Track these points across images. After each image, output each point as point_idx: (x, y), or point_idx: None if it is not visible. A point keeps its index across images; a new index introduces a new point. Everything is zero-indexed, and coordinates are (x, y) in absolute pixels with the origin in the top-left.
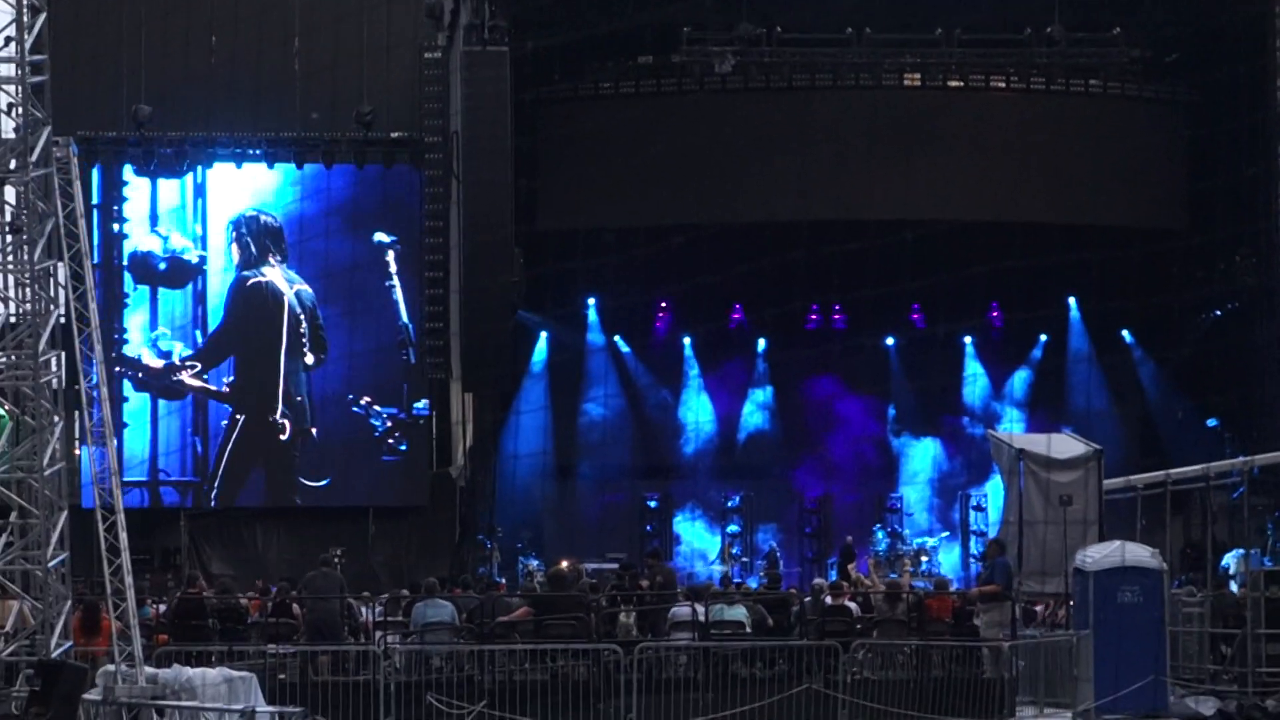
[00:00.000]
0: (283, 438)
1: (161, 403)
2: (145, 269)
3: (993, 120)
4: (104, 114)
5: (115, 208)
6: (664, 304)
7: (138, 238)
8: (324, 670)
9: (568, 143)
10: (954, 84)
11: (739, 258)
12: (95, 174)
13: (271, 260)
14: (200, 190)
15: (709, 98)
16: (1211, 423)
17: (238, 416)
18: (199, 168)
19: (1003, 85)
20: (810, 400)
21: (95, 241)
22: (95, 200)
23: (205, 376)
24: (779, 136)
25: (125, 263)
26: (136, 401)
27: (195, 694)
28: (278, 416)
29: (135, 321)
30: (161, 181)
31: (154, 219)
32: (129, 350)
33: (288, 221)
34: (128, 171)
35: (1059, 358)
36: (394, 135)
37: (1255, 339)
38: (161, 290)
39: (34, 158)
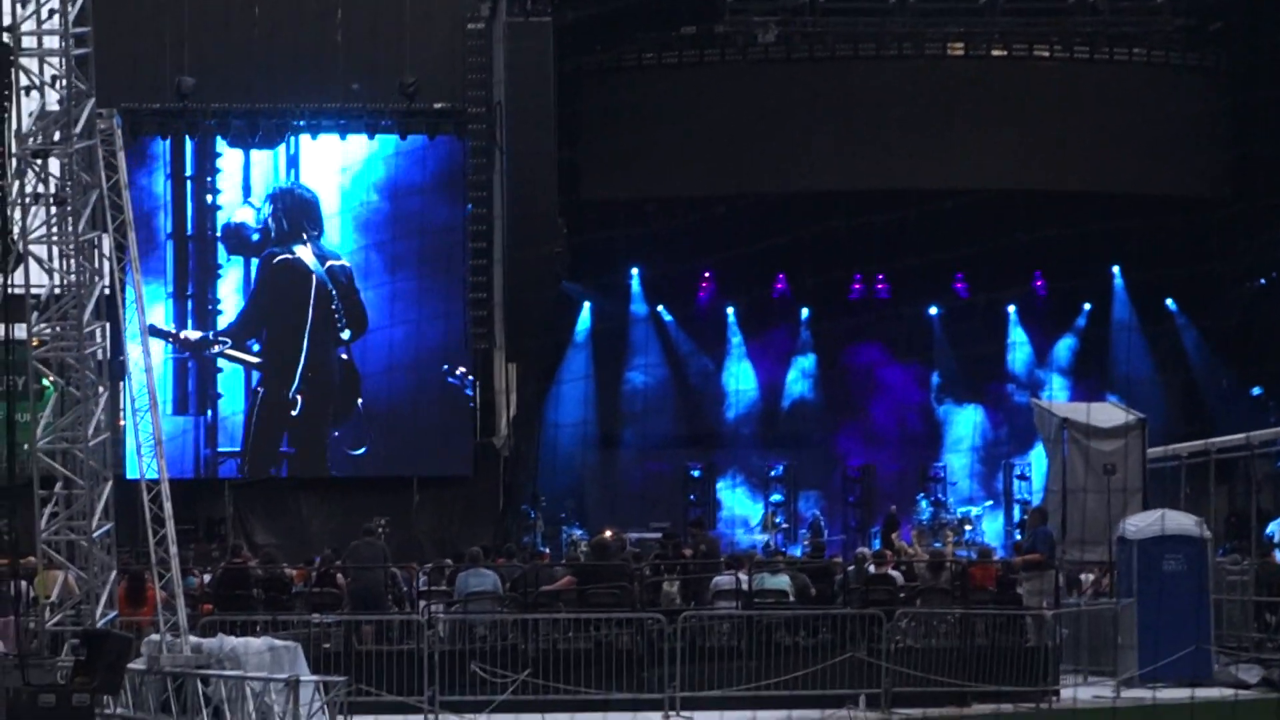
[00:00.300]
0: (293, 413)
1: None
2: (239, 240)
3: (1036, 89)
4: (147, 86)
5: (209, 179)
6: (707, 274)
7: (230, 209)
8: (368, 640)
9: (611, 113)
10: (997, 53)
11: (782, 227)
12: (189, 146)
13: (304, 236)
14: (294, 161)
15: (751, 68)
16: (1256, 391)
17: (258, 390)
18: (291, 139)
19: (1046, 54)
20: (853, 369)
21: (189, 213)
22: (189, 172)
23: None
24: (822, 106)
25: (219, 234)
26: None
27: (239, 663)
28: (292, 392)
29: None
30: (254, 153)
31: (247, 191)
32: (222, 321)
33: (380, 190)
34: (220, 144)
35: (1103, 326)
36: (437, 106)
37: None
38: (253, 261)
39: (78, 130)
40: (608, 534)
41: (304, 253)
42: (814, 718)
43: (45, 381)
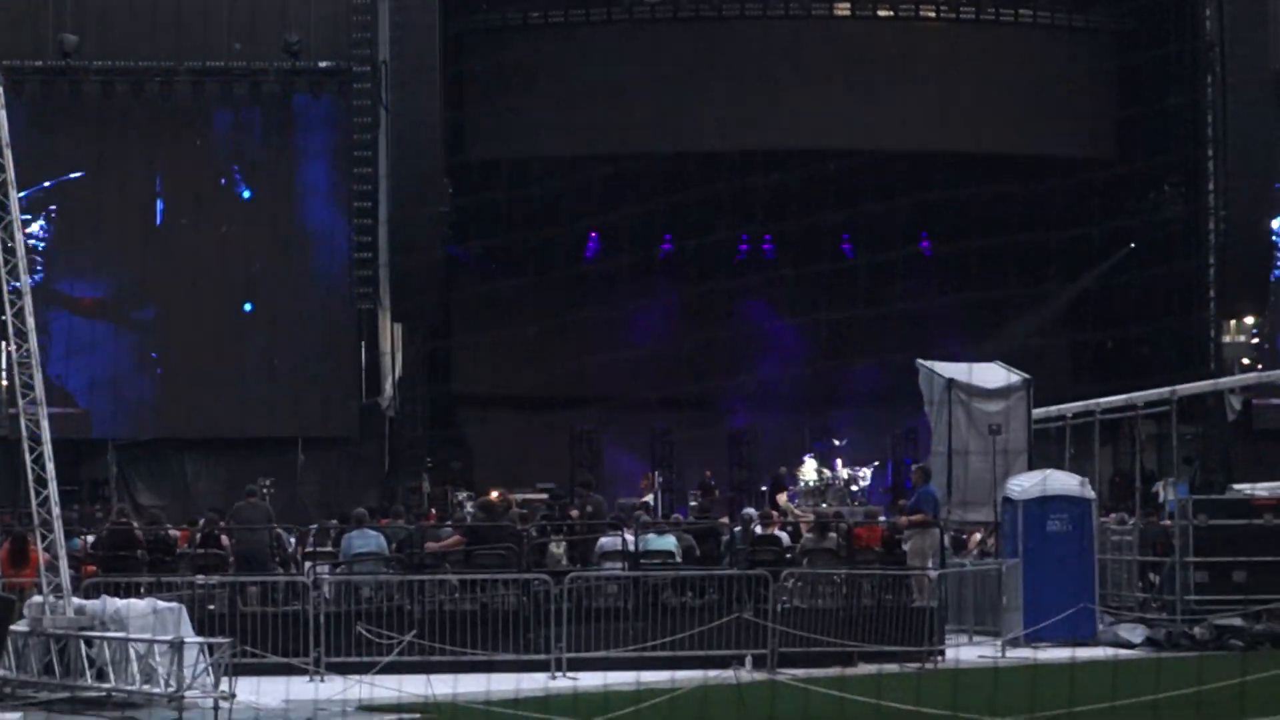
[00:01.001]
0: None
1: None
2: None
3: (921, 51)
4: (29, 44)
5: None
6: (593, 234)
7: None
8: (253, 601)
9: (497, 73)
10: (883, 14)
11: (668, 187)
12: None
13: None
14: None
15: (637, 27)
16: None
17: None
18: None
19: (932, 15)
20: (739, 327)
21: None
22: None
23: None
24: (708, 67)
25: None
26: None
27: (123, 625)
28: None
29: None
30: None
31: None
32: None
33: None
34: None
35: (993, 288)
36: (322, 65)
37: (1182, 267)
38: None
39: None
40: (494, 495)
41: None
42: (699, 678)
43: None
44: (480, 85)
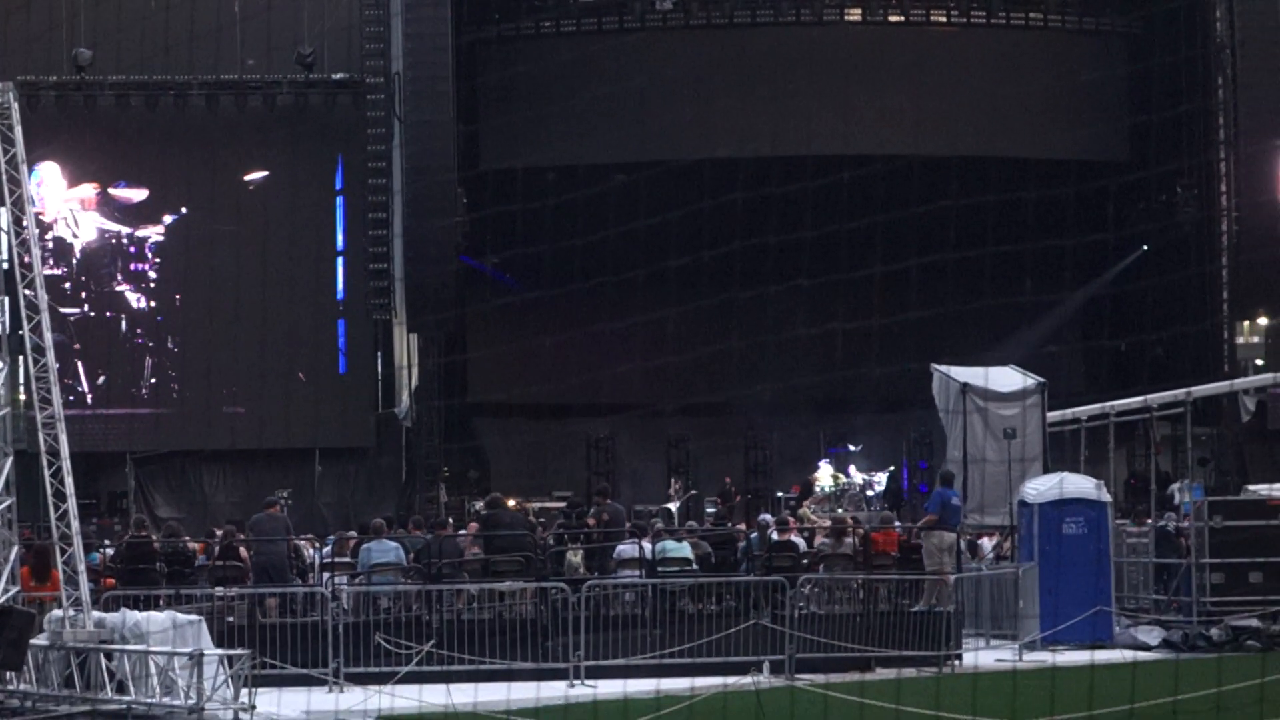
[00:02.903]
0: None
1: None
2: None
3: (933, 55)
4: (43, 59)
5: None
6: (607, 242)
7: None
8: (272, 612)
9: (509, 83)
10: (894, 19)
11: (681, 195)
12: None
13: None
14: None
15: (650, 35)
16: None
17: None
18: None
19: (943, 20)
20: (755, 335)
21: None
22: None
23: None
24: (720, 73)
25: None
26: None
27: (143, 638)
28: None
29: None
30: None
31: None
32: None
33: None
34: None
35: (1006, 293)
36: (335, 77)
37: (1196, 270)
38: None
39: None
40: (511, 504)
41: None
42: (718, 685)
43: None
44: (493, 95)
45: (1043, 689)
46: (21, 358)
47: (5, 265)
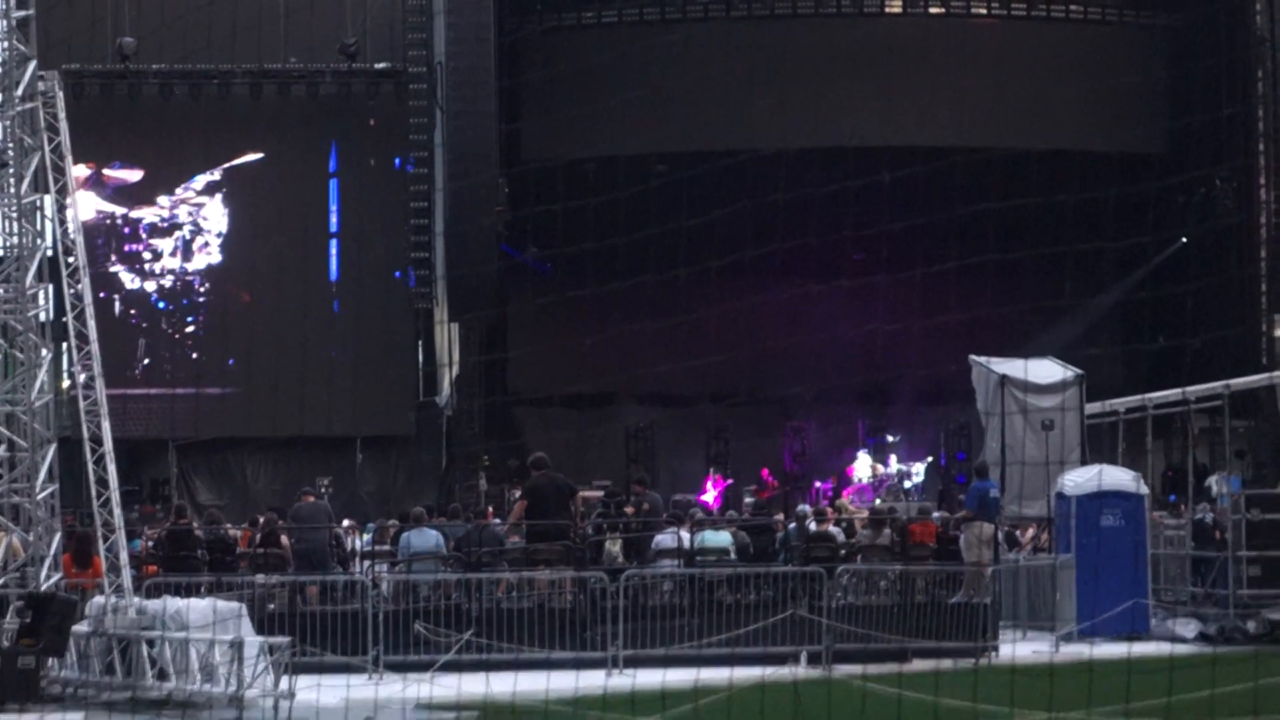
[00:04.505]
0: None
1: None
2: None
3: (973, 48)
4: (87, 47)
5: None
6: (649, 233)
7: None
8: (312, 600)
9: (550, 73)
10: (935, 11)
11: (722, 187)
12: None
13: None
14: None
15: (691, 26)
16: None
17: None
18: None
19: (983, 12)
20: (794, 327)
21: None
22: None
23: None
24: (761, 65)
25: None
26: None
27: (184, 625)
28: None
29: None
30: None
31: None
32: None
33: None
34: None
35: (1045, 284)
36: (378, 67)
37: (1234, 264)
38: None
39: (19, 92)
40: None
41: None
42: (756, 676)
43: None
44: (535, 85)
45: (1081, 681)
46: (65, 344)
47: (50, 253)
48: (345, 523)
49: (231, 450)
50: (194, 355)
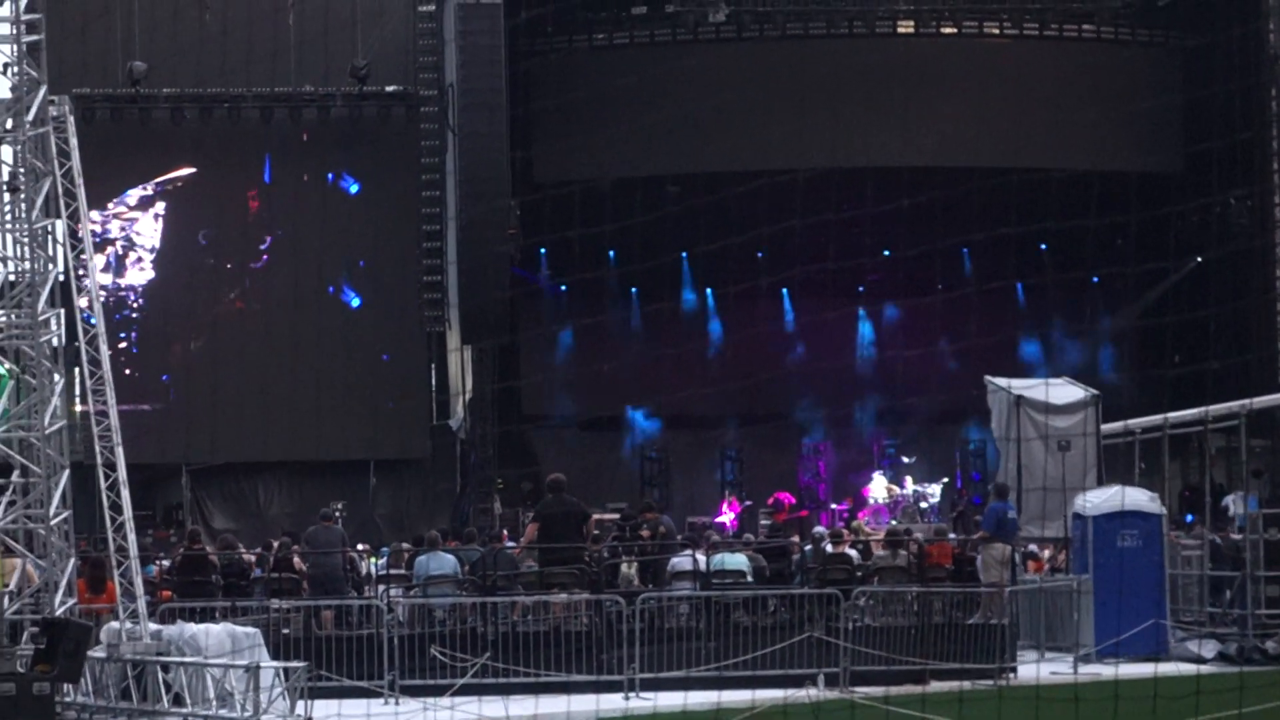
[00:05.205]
0: None
1: None
2: None
3: (987, 67)
4: (99, 71)
5: None
6: (662, 254)
7: None
8: (327, 624)
9: (562, 95)
10: (947, 31)
11: (735, 207)
12: None
13: None
14: None
15: (702, 48)
16: None
17: None
18: None
19: (996, 32)
20: (812, 347)
21: None
22: None
23: None
24: (773, 85)
25: None
26: None
27: (199, 650)
28: None
29: None
30: None
31: None
32: None
33: None
34: None
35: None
36: (389, 89)
37: (1249, 283)
38: None
39: (30, 117)
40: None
41: None
42: (778, 698)
43: (1, 370)
44: (546, 107)
45: (1102, 703)
46: (77, 369)
47: (62, 277)
48: (360, 547)
49: (245, 475)
50: (208, 378)
